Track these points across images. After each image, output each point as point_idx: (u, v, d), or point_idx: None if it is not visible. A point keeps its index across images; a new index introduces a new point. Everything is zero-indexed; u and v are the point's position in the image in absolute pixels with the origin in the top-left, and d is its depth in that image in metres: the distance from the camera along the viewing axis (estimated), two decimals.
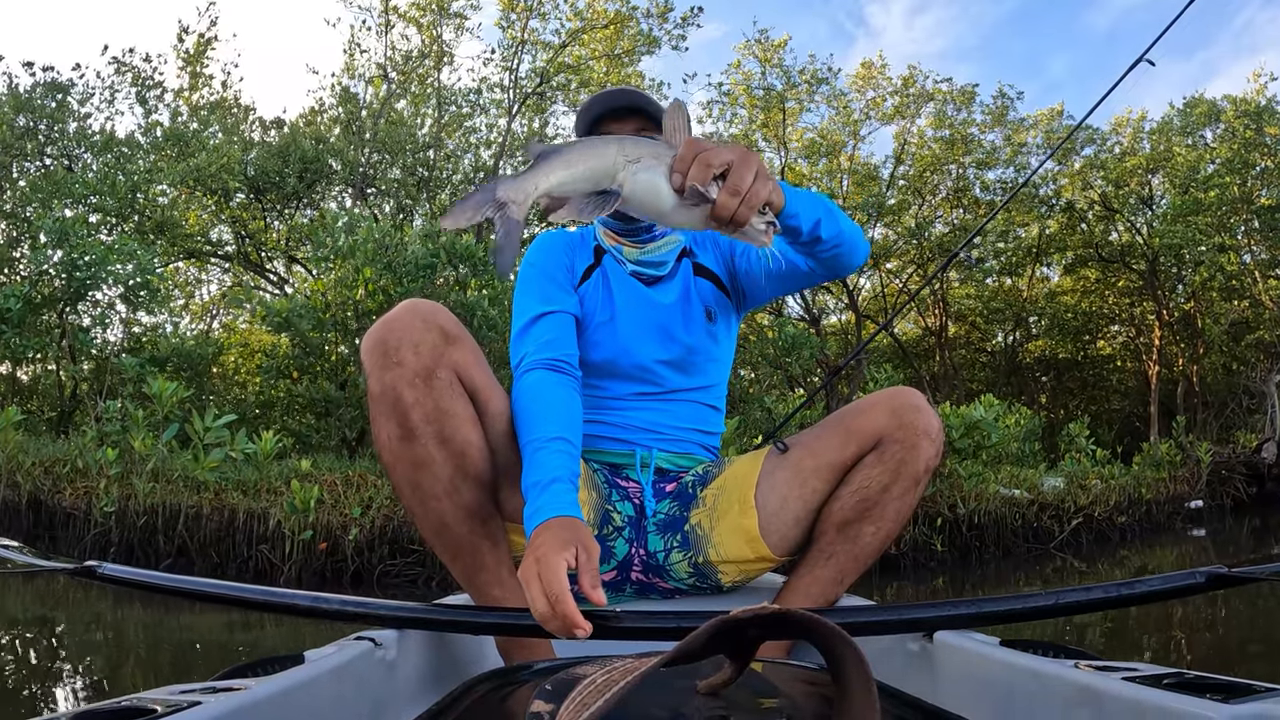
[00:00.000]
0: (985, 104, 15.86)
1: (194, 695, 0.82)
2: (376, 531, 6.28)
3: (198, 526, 6.19)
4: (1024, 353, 18.10)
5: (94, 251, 8.17)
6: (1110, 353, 17.88)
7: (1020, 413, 10.40)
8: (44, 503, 6.66)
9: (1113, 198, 15.69)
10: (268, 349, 10.30)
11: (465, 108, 14.50)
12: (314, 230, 9.13)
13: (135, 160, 11.13)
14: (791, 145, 17.01)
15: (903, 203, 16.65)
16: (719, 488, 1.55)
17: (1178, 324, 16.06)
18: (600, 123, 1.58)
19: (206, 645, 3.89)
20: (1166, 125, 15.41)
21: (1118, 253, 16.36)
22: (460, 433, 1.29)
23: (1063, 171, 15.98)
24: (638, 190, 1.06)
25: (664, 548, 1.53)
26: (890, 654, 1.32)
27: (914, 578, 6.54)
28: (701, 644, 0.63)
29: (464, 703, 0.83)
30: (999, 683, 1.05)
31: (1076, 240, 16.67)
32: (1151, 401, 15.24)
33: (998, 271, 17.61)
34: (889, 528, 1.44)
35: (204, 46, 12.73)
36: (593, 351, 1.58)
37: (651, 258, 1.63)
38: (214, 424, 5.95)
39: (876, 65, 16.40)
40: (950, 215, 16.78)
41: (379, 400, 1.27)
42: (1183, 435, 10.76)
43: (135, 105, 11.81)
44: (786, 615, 0.63)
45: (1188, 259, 14.64)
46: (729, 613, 0.63)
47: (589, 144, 1.08)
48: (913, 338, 19.16)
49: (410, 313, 1.28)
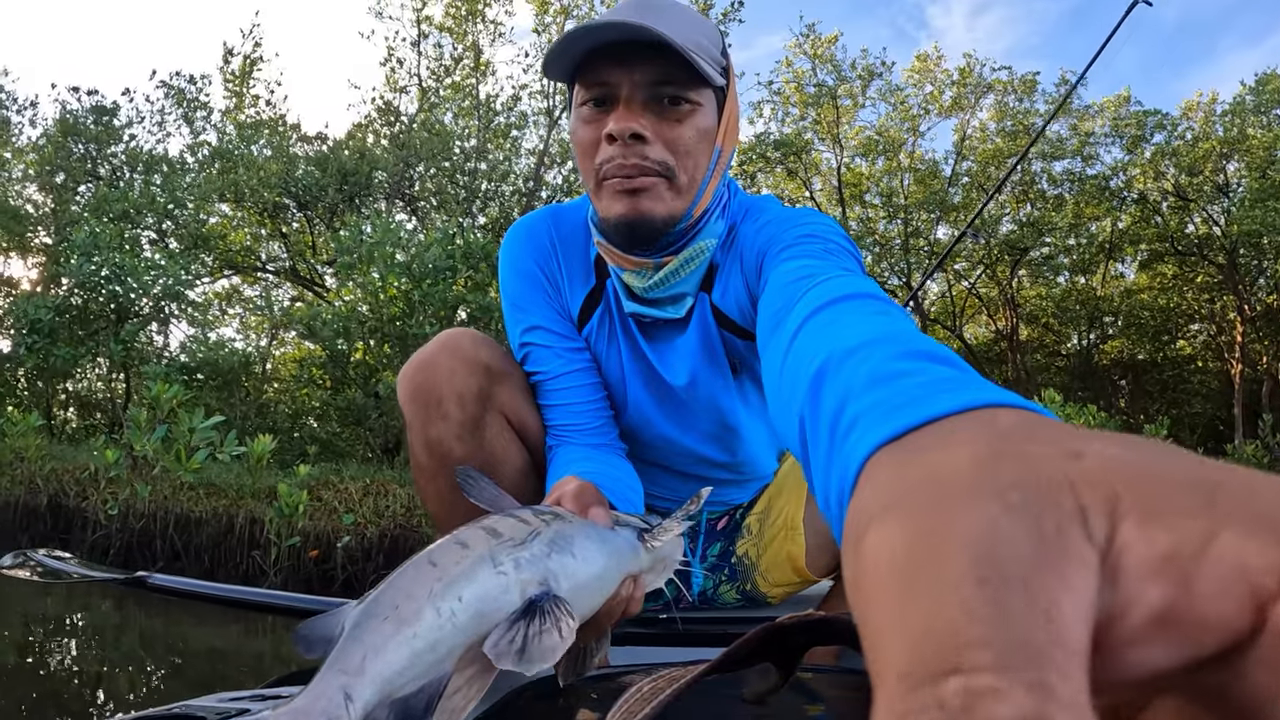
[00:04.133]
0: (1048, 93, 15.05)
1: (243, 703, 0.84)
2: (373, 540, 6.17)
3: (197, 530, 6.19)
4: (1100, 354, 17.11)
5: (125, 264, 8.36)
6: (1191, 352, 16.74)
7: (1091, 414, 9.66)
8: (63, 505, 6.81)
9: (1187, 187, 14.74)
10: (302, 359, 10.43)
11: (512, 117, 14.50)
12: (337, 239, 9.17)
13: (182, 178, 11.43)
14: (848, 144, 16.49)
15: (967, 200, 15.91)
16: (764, 511, 1.42)
17: (1260, 319, 14.99)
18: (586, 71, 1.02)
19: (252, 654, 3.95)
20: (1239, 106, 14.32)
21: (1195, 246, 15.36)
22: (517, 483, 1.18)
23: (1133, 161, 15.03)
24: (578, 602, 0.69)
25: (713, 584, 1.43)
26: None
27: None
28: (747, 651, 0.62)
29: (511, 711, 0.81)
30: None
31: (1151, 234, 15.67)
32: (1236, 402, 14.17)
33: (1070, 270, 16.69)
34: None
35: (249, 67, 13.08)
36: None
37: (665, 290, 1.12)
38: (201, 425, 5.90)
39: (933, 58, 15.78)
40: (1018, 212, 15.95)
41: (426, 454, 1.15)
42: (1270, 436, 9.93)
43: (182, 125, 12.26)
44: (832, 621, 0.63)
45: (1268, 247, 13.62)
46: (774, 619, 0.62)
47: (419, 571, 0.65)
48: (984, 342, 18.30)
49: (449, 354, 1.13)
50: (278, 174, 11.27)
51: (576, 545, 0.71)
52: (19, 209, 11.34)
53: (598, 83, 1.01)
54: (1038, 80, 15.14)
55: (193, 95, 12.59)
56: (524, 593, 0.65)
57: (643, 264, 1.10)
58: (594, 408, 1.21)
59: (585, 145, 1.05)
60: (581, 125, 1.05)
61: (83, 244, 8.31)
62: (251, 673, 3.55)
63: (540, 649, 0.62)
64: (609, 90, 1.01)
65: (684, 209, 1.06)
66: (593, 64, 1.00)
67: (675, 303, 1.14)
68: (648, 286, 1.12)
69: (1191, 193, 14.80)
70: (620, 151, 1.00)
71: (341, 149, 12.34)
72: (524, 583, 0.65)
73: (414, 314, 8.64)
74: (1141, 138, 14.71)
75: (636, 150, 1.00)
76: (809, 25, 15.57)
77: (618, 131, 0.99)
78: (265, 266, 13.40)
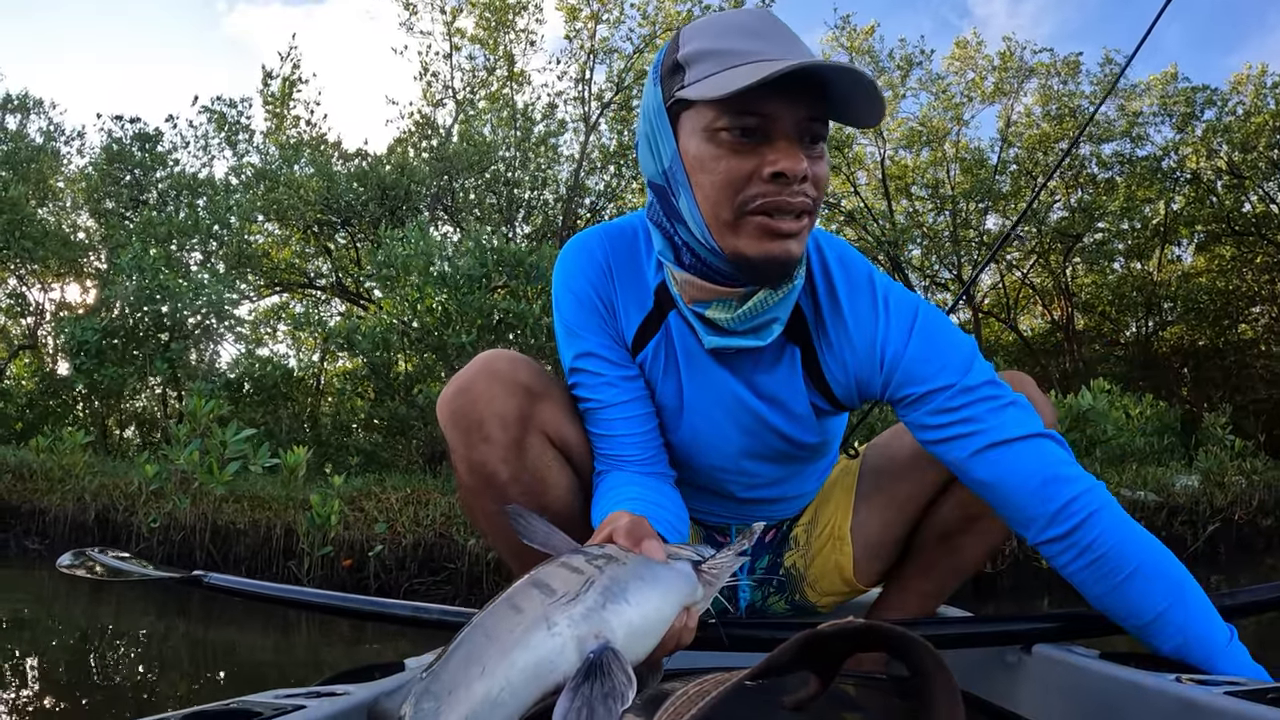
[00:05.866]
0: (1092, 73, 14.59)
1: (298, 699, 0.86)
2: (408, 549, 6.19)
3: (236, 541, 6.29)
4: (1159, 342, 16.50)
5: (169, 285, 8.59)
6: (1253, 336, 16.04)
7: (1148, 403, 9.25)
8: (110, 520, 7.00)
9: (1240, 164, 14.20)
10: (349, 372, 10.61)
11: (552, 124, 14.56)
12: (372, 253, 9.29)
13: (227, 199, 11.72)
14: (891, 136, 16.19)
15: (1016, 188, 15.49)
16: (810, 521, 1.43)
17: None
18: (742, 98, 0.93)
19: (306, 654, 4.00)
20: None
21: (1252, 225, 14.85)
22: (562, 501, 1.19)
23: (1184, 140, 14.51)
24: (635, 647, 0.71)
25: (761, 595, 1.45)
26: (987, 667, 1.30)
27: (1014, 598, 5.78)
28: (788, 658, 0.64)
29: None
30: (1097, 696, 1.04)
31: (1206, 214, 15.15)
32: None
33: (1124, 255, 16.15)
34: (993, 540, 1.32)
35: (288, 89, 13.37)
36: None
37: (749, 321, 1.08)
38: (234, 438, 5.99)
39: (973, 44, 15.42)
40: (1069, 198, 15.47)
41: (471, 477, 1.16)
42: None
43: (225, 149, 12.62)
44: (874, 628, 0.64)
45: None
46: (815, 626, 0.64)
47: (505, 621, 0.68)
48: (1040, 333, 17.80)
49: (488, 377, 1.13)
50: (318, 191, 11.46)
51: (631, 591, 0.72)
52: (69, 236, 11.79)
53: (754, 113, 0.95)
54: (1081, 61, 14.73)
55: (234, 119, 12.97)
56: (581, 648, 0.66)
57: (731, 293, 1.06)
58: (645, 439, 1.19)
59: (730, 177, 0.97)
60: (729, 155, 0.97)
61: (127, 266, 8.54)
62: (305, 669, 3.61)
63: (607, 711, 0.62)
64: (765, 122, 0.96)
65: None
66: (752, 92, 0.92)
67: (760, 331, 1.09)
68: (735, 317, 1.06)
69: (1246, 170, 14.28)
70: (784, 189, 0.96)
71: (382, 164, 12.50)
72: (580, 639, 0.66)
73: (450, 324, 8.69)
74: (1191, 115, 14.23)
75: (799, 190, 0.97)
76: (844, 17, 15.35)
77: (793, 172, 0.95)
78: (313, 283, 13.65)
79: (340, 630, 4.32)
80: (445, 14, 13.60)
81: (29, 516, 7.13)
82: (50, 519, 7.07)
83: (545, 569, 0.73)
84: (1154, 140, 14.86)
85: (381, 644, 4.11)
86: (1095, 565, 1.03)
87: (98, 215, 12.32)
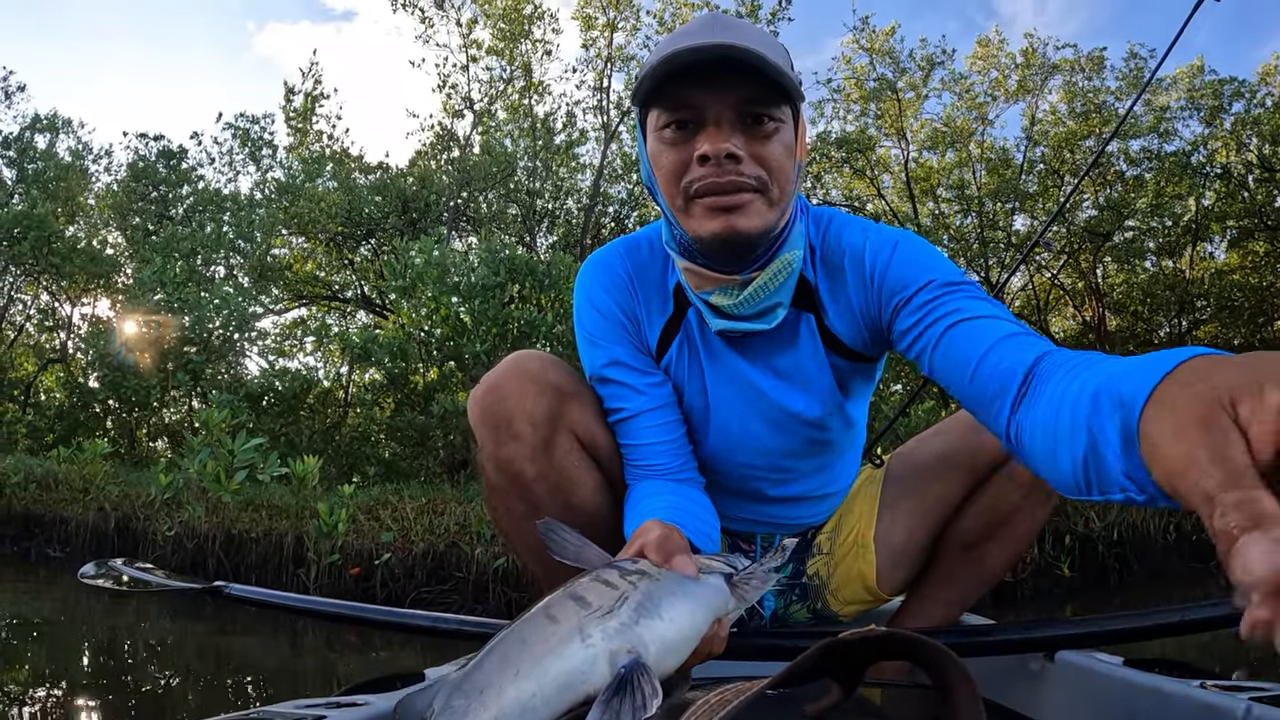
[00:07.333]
0: (1117, 69, 14.28)
1: (318, 710, 0.87)
2: (416, 558, 6.21)
3: (248, 549, 6.36)
4: (1193, 341, 16.08)
5: (190, 299, 8.74)
6: None
7: None
8: (130, 528, 7.12)
9: (1272, 157, 13.80)
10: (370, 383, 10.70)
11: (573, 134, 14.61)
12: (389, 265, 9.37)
13: (250, 214, 11.92)
14: (914, 138, 16.01)
15: (1043, 188, 15.23)
16: (834, 529, 1.42)
17: None
18: (664, 95, 1.01)
19: (326, 664, 4.06)
20: None
21: None
22: (588, 500, 1.19)
23: (1213, 134, 14.12)
24: (666, 661, 0.73)
25: (784, 604, 1.44)
26: (1011, 674, 1.31)
27: (1035, 607, 5.66)
28: (810, 665, 0.63)
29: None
30: (1120, 703, 1.04)
31: (1238, 209, 14.68)
32: None
33: (1155, 253, 15.77)
34: (1017, 547, 1.32)
35: (310, 104, 13.57)
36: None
37: (756, 305, 1.11)
38: (242, 447, 6.06)
39: (994, 42, 15.20)
40: (1097, 196, 15.17)
41: (498, 475, 1.17)
42: None
43: (249, 165, 12.84)
44: (895, 636, 0.64)
45: None
46: (837, 634, 0.63)
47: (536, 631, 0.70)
48: (1071, 334, 17.44)
49: (518, 376, 1.14)
50: (339, 204, 11.60)
51: (664, 607, 0.73)
52: (98, 251, 12.06)
53: (681, 105, 1.01)
54: (1105, 56, 14.41)
55: (257, 134, 13.20)
56: (613, 662, 0.67)
57: (730, 280, 1.09)
58: (674, 447, 1.20)
59: (672, 168, 1.04)
60: (666, 149, 1.04)
61: (149, 281, 8.70)
62: (321, 678, 3.67)
63: None
64: (693, 113, 1.01)
65: (776, 221, 1.06)
66: (671, 87, 1.00)
67: (765, 316, 1.13)
68: (737, 303, 1.11)
69: (1277, 163, 13.88)
70: (713, 171, 1.00)
71: (404, 177, 12.64)
72: (613, 653, 0.68)
73: (465, 333, 8.73)
74: (1219, 108, 13.85)
75: (730, 169, 1.00)
76: (863, 19, 15.21)
77: (713, 152, 0.99)
78: (337, 295, 13.82)
79: (347, 638, 4.39)
80: (461, 26, 13.72)
81: (51, 525, 7.29)
82: (72, 527, 7.22)
83: (581, 582, 0.75)
84: (1182, 135, 14.51)
85: (389, 653, 4.15)
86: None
87: (125, 231, 12.59)
